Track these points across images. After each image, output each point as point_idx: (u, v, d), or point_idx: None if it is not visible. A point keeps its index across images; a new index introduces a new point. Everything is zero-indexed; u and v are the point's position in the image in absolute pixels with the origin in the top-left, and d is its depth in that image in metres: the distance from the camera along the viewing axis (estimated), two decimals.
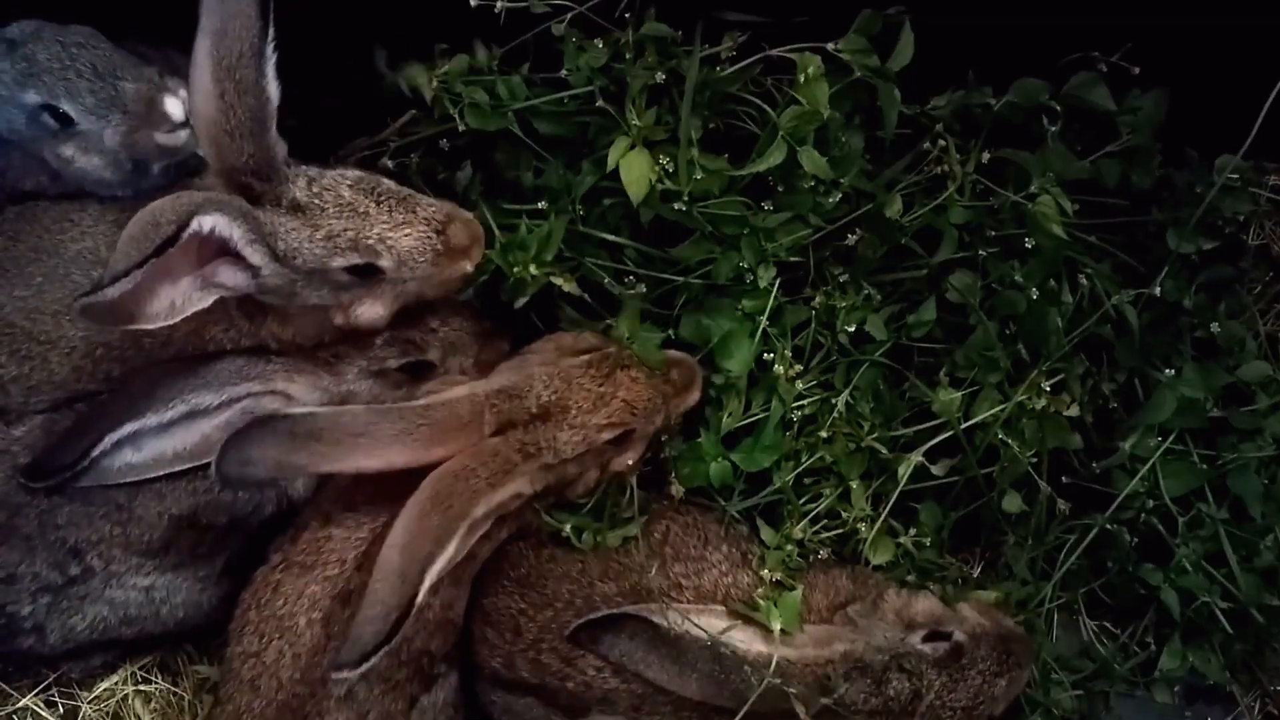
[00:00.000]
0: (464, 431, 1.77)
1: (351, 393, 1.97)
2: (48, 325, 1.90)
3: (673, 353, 1.96)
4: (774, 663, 1.75)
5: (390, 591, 1.61)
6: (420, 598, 1.62)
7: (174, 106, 1.90)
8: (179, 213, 1.62)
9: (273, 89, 1.75)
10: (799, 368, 1.99)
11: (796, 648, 1.80)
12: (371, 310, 1.91)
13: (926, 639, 1.87)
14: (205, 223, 1.65)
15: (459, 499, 1.69)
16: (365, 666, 1.59)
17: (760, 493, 2.01)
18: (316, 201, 1.80)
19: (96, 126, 1.89)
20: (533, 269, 1.94)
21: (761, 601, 1.84)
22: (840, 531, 2.01)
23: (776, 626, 1.80)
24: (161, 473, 1.86)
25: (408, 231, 1.84)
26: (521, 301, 2.00)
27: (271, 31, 1.73)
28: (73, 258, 1.93)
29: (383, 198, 1.84)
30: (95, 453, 1.80)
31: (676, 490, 1.98)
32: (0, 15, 1.91)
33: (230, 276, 1.76)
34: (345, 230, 1.80)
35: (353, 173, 1.86)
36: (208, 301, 1.74)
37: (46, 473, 1.83)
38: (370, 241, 1.81)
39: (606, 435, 1.86)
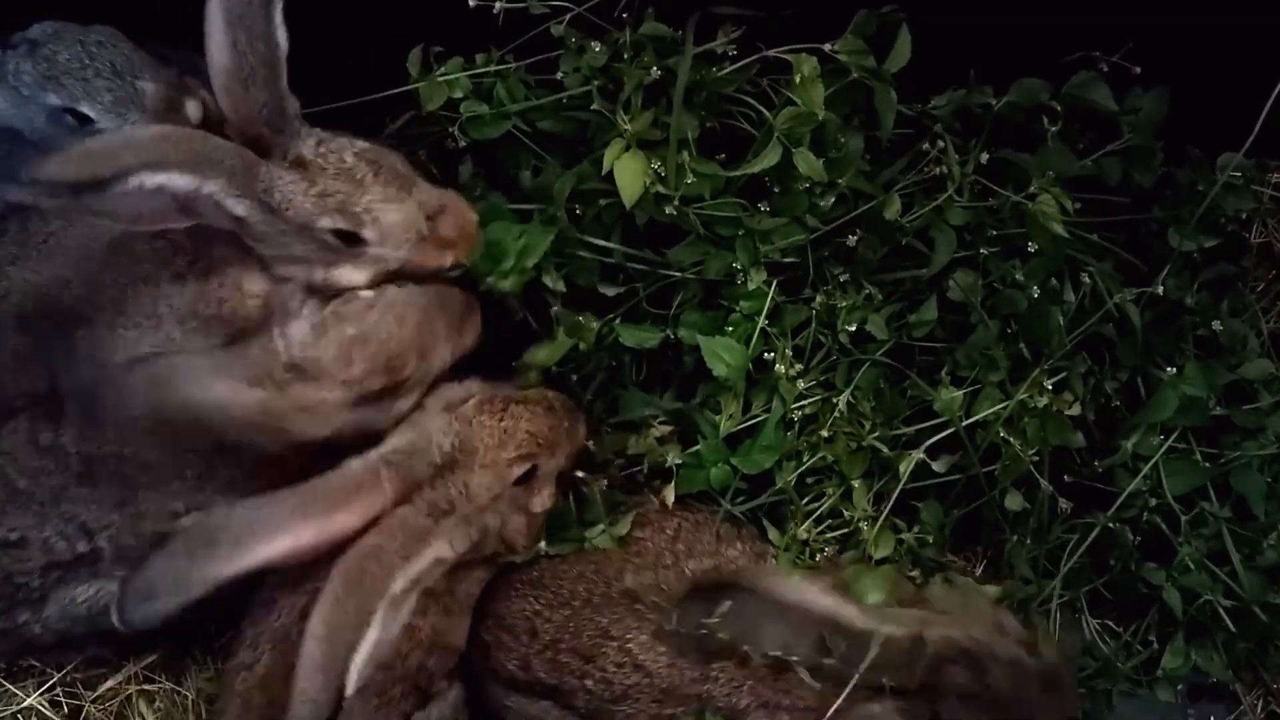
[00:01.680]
0: (362, 493, 1.73)
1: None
2: (111, 294, 1.91)
3: (551, 392, 1.97)
4: (881, 635, 1.76)
5: (317, 688, 1.59)
6: (350, 689, 1.59)
7: (192, 109, 1.93)
8: (120, 163, 1.63)
9: (281, 36, 1.77)
10: (799, 367, 1.99)
11: (896, 623, 1.81)
12: (350, 276, 1.91)
13: None
14: (149, 181, 1.65)
15: (371, 579, 1.66)
16: None
17: (762, 493, 2.01)
18: (319, 161, 1.82)
19: (115, 125, 1.89)
20: (507, 283, 1.96)
21: (853, 573, 1.85)
22: (845, 531, 2.00)
23: (871, 598, 1.81)
24: None
25: (396, 208, 1.85)
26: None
27: None
28: None
29: (382, 171, 1.85)
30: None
31: (667, 498, 1.99)
32: (23, 17, 1.93)
33: (210, 212, 1.78)
34: (336, 193, 1.82)
35: (363, 143, 1.88)
36: (184, 224, 1.76)
37: None
38: (357, 209, 1.83)
39: (517, 470, 1.84)
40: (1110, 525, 2.03)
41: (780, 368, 1.96)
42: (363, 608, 1.63)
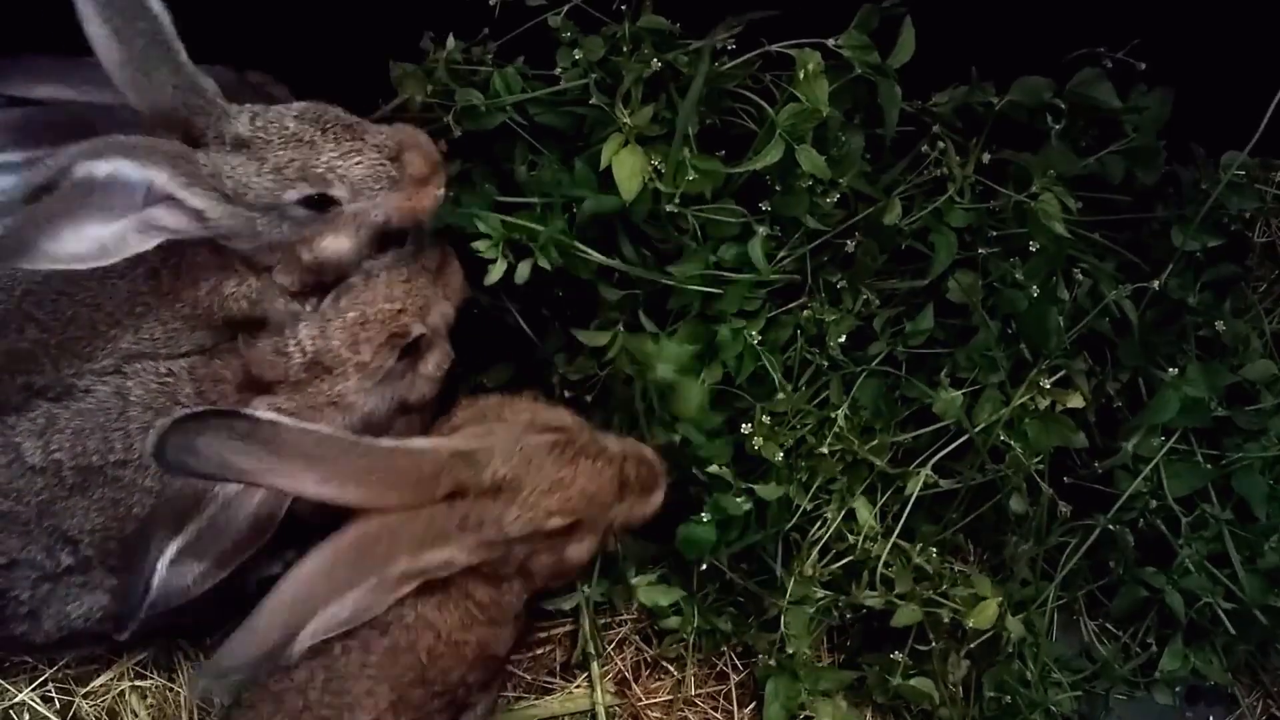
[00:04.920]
0: (419, 486, 1.69)
1: (370, 411, 1.92)
2: (92, 289, 1.91)
3: (645, 449, 1.89)
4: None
5: (271, 624, 1.56)
6: (298, 645, 1.58)
7: None
8: (64, 160, 1.61)
9: (157, 6, 1.72)
10: (790, 389, 1.98)
11: None
12: (335, 244, 1.89)
13: None
14: (99, 169, 1.63)
15: (375, 555, 1.64)
16: (218, 683, 1.59)
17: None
18: (261, 135, 1.79)
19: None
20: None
21: None
22: (851, 559, 1.99)
23: None
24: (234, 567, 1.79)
25: (358, 159, 1.82)
26: (492, 280, 1.97)
27: None
28: None
29: (329, 126, 1.82)
30: (155, 584, 1.71)
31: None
32: None
33: (172, 219, 1.75)
34: (292, 161, 1.79)
35: (299, 104, 1.85)
36: (150, 244, 1.73)
37: (125, 620, 1.79)
38: (319, 170, 1.80)
39: (555, 522, 1.78)
40: (1110, 527, 2.02)
41: (746, 427, 1.93)
42: (351, 575, 1.62)
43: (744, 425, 1.93)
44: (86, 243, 1.67)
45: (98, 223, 1.67)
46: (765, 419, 1.93)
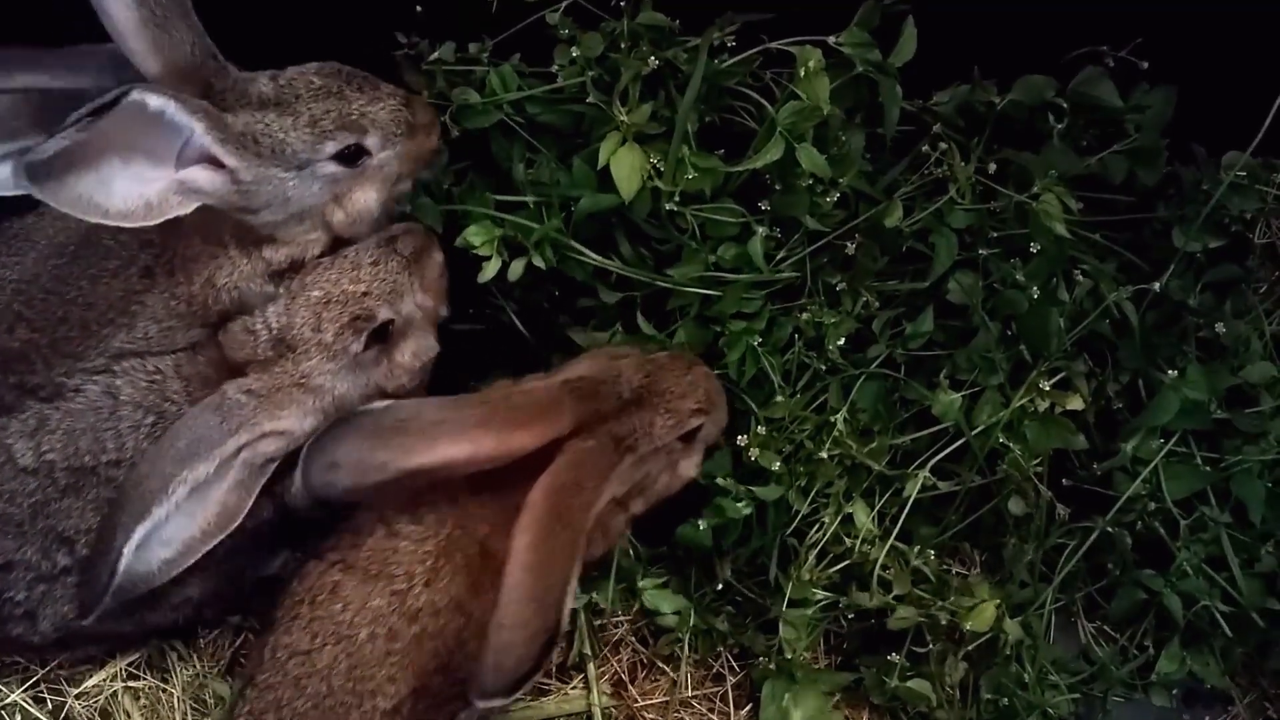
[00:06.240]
0: (545, 417, 1.71)
1: (341, 396, 1.91)
2: (84, 288, 1.90)
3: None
4: None
5: (531, 615, 1.55)
6: (566, 617, 1.58)
7: None
8: (119, 90, 1.60)
9: None
10: (788, 393, 1.97)
11: None
12: (365, 196, 1.91)
13: None
14: (151, 101, 1.62)
15: (576, 512, 1.64)
16: (518, 693, 1.55)
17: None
18: (288, 91, 1.81)
19: None
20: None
21: None
22: (848, 562, 1.99)
23: None
24: (199, 556, 1.78)
25: (382, 105, 1.87)
26: (486, 278, 1.98)
27: None
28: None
29: (350, 78, 1.86)
30: (120, 568, 1.70)
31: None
32: None
33: (208, 180, 1.75)
34: (328, 112, 1.82)
35: (311, 64, 1.87)
36: (189, 207, 1.74)
37: (89, 605, 1.78)
38: (354, 118, 1.84)
39: (694, 422, 1.85)
40: (1109, 530, 2.01)
41: (741, 439, 1.94)
42: (572, 537, 1.62)
43: (739, 437, 1.93)
44: (134, 199, 1.67)
45: (141, 161, 1.67)
46: (761, 430, 1.93)
